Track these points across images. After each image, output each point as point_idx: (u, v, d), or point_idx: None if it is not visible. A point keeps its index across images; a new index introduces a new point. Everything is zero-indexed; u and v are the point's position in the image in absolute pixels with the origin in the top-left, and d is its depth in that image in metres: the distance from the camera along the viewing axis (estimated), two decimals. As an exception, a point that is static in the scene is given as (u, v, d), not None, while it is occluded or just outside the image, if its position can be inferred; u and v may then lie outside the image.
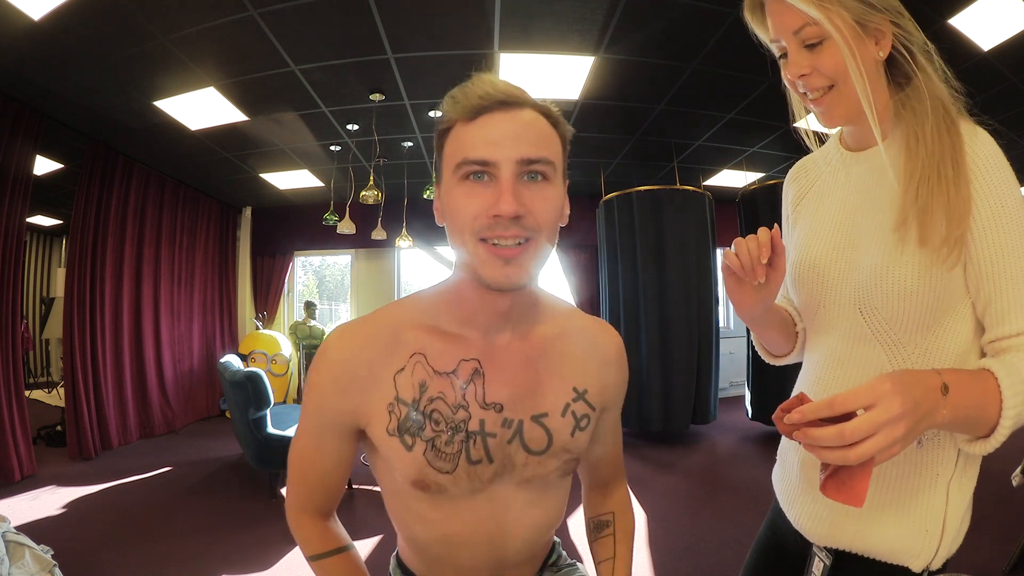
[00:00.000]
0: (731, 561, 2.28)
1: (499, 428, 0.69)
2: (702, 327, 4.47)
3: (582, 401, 0.75)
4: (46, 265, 7.87)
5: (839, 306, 0.73)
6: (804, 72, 0.68)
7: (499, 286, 0.62)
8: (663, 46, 3.13)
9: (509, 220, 0.59)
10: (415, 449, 0.67)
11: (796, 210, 0.87)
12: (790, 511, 0.82)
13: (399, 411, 0.68)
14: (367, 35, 2.92)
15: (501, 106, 0.61)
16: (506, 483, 0.72)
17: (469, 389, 0.69)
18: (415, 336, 0.69)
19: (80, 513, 2.92)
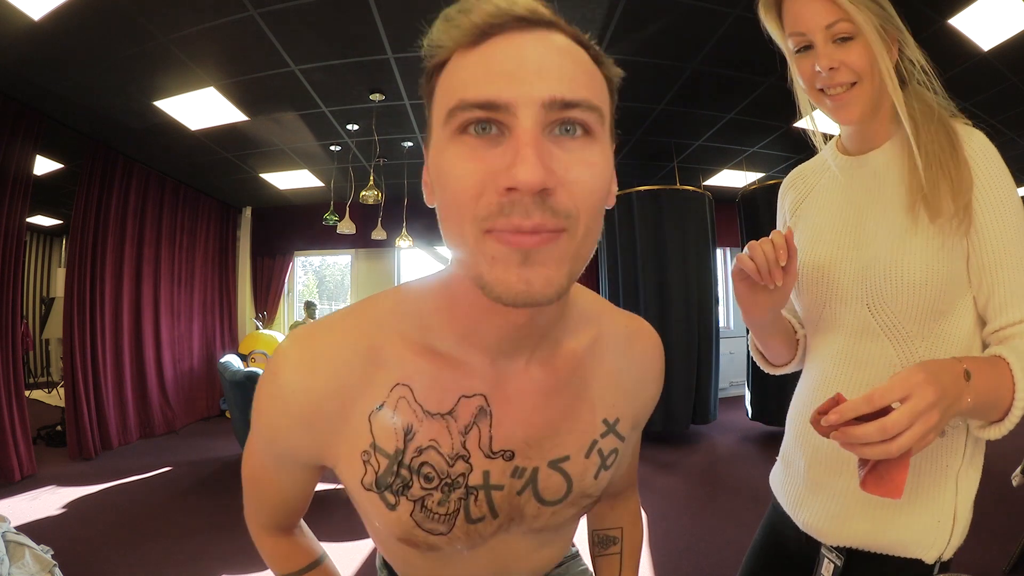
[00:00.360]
0: (731, 561, 2.28)
1: (507, 479, 0.54)
2: (702, 327, 4.47)
3: (612, 435, 0.59)
4: (46, 265, 7.87)
5: (845, 304, 0.75)
6: (834, 65, 0.69)
7: (513, 299, 0.40)
8: (663, 46, 3.13)
9: (531, 198, 0.37)
10: (400, 509, 0.52)
11: (794, 216, 0.88)
12: (797, 514, 0.81)
13: (377, 463, 0.51)
14: (367, 35, 2.92)
15: (520, 24, 0.40)
16: (511, 534, 0.59)
17: (471, 434, 0.52)
18: (398, 358, 0.51)
19: (80, 513, 2.92)
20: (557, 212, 0.38)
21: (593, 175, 0.41)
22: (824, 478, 0.76)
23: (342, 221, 4.46)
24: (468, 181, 0.39)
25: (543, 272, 0.39)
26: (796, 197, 0.89)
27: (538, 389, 0.54)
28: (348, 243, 6.47)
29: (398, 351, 0.51)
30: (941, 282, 0.67)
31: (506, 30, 0.40)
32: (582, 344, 0.57)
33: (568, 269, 0.41)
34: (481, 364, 0.52)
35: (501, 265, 0.39)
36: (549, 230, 0.38)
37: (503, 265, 0.39)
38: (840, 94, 0.71)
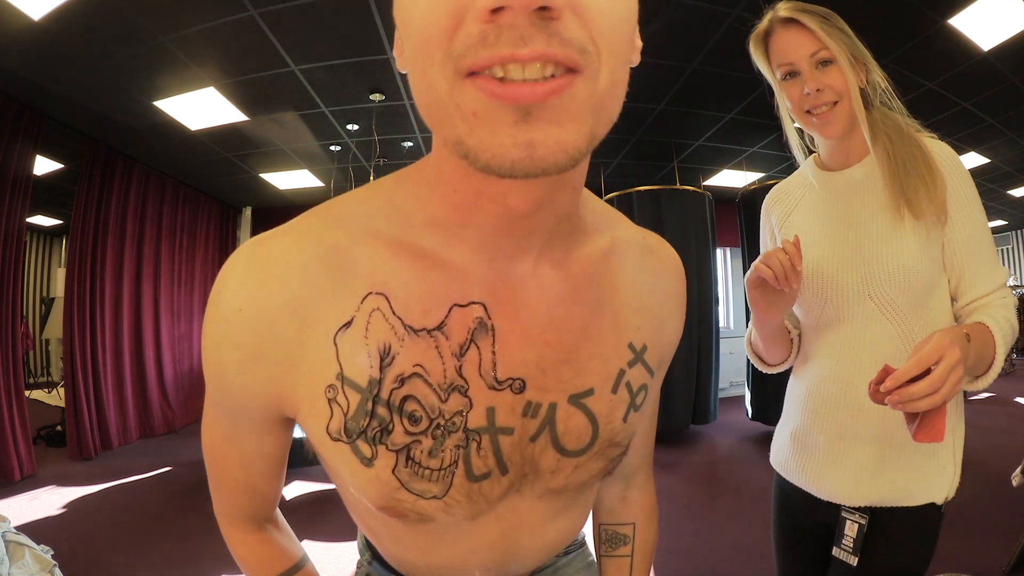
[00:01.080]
0: (731, 561, 2.28)
1: (518, 419, 0.42)
2: (702, 327, 4.47)
3: (640, 364, 0.47)
4: (46, 265, 7.87)
5: (847, 298, 0.86)
6: (820, 87, 0.82)
7: (510, 168, 0.28)
8: (663, 46, 3.13)
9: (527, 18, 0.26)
10: (378, 464, 0.40)
11: (784, 227, 0.99)
12: (820, 485, 0.90)
13: (345, 400, 0.39)
14: (367, 35, 2.92)
15: None
16: (524, 496, 0.47)
17: (469, 356, 0.40)
18: (369, 260, 0.39)
19: (80, 513, 2.92)
20: (567, 41, 0.26)
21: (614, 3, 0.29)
22: (847, 449, 0.86)
23: (342, 221, 4.46)
24: (437, 11, 0.27)
25: (552, 132, 0.28)
26: (783, 211, 1.00)
27: (552, 296, 0.42)
28: (348, 243, 6.47)
29: (369, 251, 0.39)
30: (929, 268, 0.82)
31: None
32: (600, 245, 0.46)
33: (590, 127, 0.29)
34: (476, 265, 0.40)
35: (488, 124, 0.28)
36: (560, 62, 0.26)
37: (490, 125, 0.28)
38: (825, 112, 0.84)
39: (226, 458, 0.49)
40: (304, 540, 2.56)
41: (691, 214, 4.49)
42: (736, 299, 6.91)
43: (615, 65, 0.30)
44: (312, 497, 3.17)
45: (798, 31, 0.84)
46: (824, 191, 0.93)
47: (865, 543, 0.84)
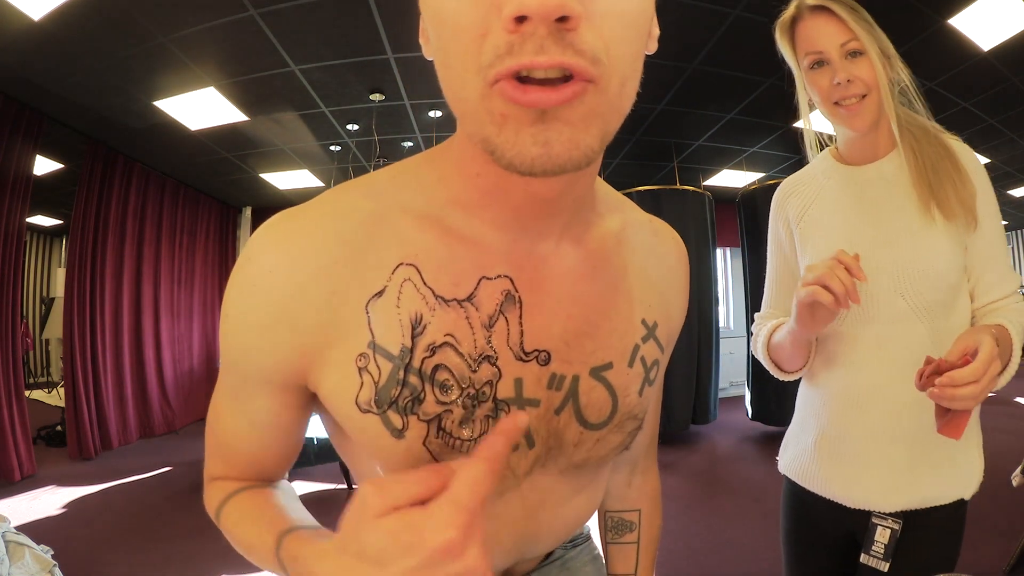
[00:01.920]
0: (731, 561, 2.28)
1: (544, 391, 0.43)
2: (702, 327, 4.47)
3: (652, 340, 0.49)
4: (46, 265, 7.87)
5: (876, 297, 0.83)
6: (850, 78, 0.79)
7: (530, 166, 0.31)
8: (663, 46, 3.11)
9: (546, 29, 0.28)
10: (409, 435, 0.40)
11: (802, 222, 0.94)
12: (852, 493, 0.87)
13: (377, 368, 0.39)
14: (367, 35, 2.92)
15: None
16: (548, 472, 0.47)
17: (498, 327, 0.41)
18: (400, 232, 0.40)
19: (80, 513, 2.92)
20: (582, 52, 0.29)
21: (631, 3, 0.31)
22: (881, 452, 0.84)
23: (342, 221, 4.47)
24: (467, 17, 0.29)
25: (566, 131, 0.30)
26: (800, 204, 0.94)
27: (573, 273, 0.44)
28: (348, 243, 6.48)
29: (399, 224, 0.40)
30: (958, 269, 0.82)
31: None
32: (613, 226, 0.48)
33: (600, 129, 0.32)
34: (500, 242, 0.42)
35: (512, 124, 0.30)
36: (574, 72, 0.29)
37: (514, 124, 0.30)
38: (853, 104, 0.80)
39: (232, 427, 0.47)
40: (304, 540, 2.56)
41: (691, 214, 4.49)
42: (736, 299, 6.91)
43: (627, 70, 0.32)
44: (312, 497, 3.17)
45: (828, 19, 0.81)
46: (847, 185, 0.89)
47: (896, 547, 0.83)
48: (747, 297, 4.80)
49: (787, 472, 0.98)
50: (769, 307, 1.05)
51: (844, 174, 0.90)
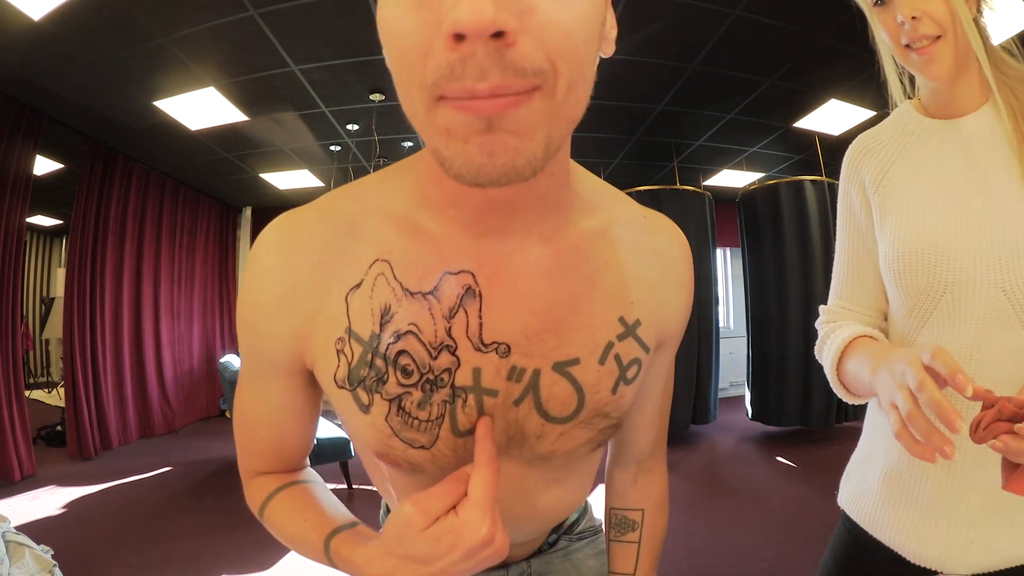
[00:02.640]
0: (731, 561, 2.28)
1: (503, 382, 0.46)
2: (702, 327, 4.47)
3: (632, 339, 0.49)
4: (46, 265, 7.87)
5: (972, 289, 0.64)
6: (916, 15, 0.63)
7: (475, 177, 0.32)
8: (663, 46, 3.13)
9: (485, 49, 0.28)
10: (374, 411, 0.45)
11: (881, 187, 0.74)
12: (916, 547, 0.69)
13: (351, 351, 0.44)
14: (367, 35, 2.92)
15: None
16: (513, 460, 0.50)
17: (458, 319, 0.44)
18: (379, 232, 0.45)
19: (80, 513, 2.92)
20: (523, 70, 0.29)
21: (573, 8, 0.30)
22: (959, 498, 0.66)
23: (342, 221, 4.47)
24: (412, 38, 0.30)
25: (510, 142, 0.31)
26: (879, 166, 0.75)
27: (539, 270, 0.45)
28: (348, 243, 6.48)
29: (379, 225, 0.45)
30: None
31: None
32: (592, 227, 0.48)
33: (545, 135, 0.32)
34: (466, 240, 0.44)
35: (459, 135, 0.31)
36: (514, 93, 0.29)
37: (461, 135, 0.31)
38: (926, 46, 0.64)
39: (254, 413, 0.53)
40: (304, 540, 2.56)
41: (691, 214, 4.49)
42: (736, 299, 6.91)
43: (574, 74, 0.32)
44: (312, 497, 3.17)
45: None
46: (934, 143, 0.71)
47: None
48: (747, 297, 4.81)
49: (847, 508, 0.80)
50: (839, 298, 0.81)
51: (931, 130, 0.71)
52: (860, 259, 0.78)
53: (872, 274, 0.75)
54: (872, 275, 0.75)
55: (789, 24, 2.85)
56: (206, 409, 5.82)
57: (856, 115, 4.08)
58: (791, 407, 4.27)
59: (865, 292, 0.76)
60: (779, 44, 3.07)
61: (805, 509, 2.85)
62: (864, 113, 4.03)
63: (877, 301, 0.77)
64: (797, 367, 4.25)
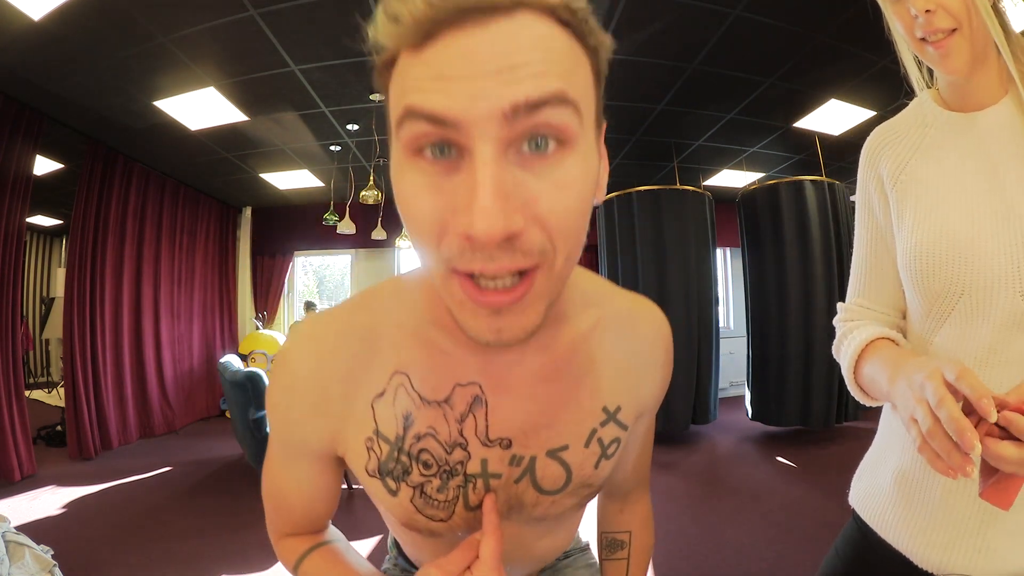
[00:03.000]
0: (731, 561, 2.28)
1: (505, 467, 0.54)
2: (702, 327, 4.47)
3: (612, 423, 0.57)
4: (46, 265, 7.87)
5: (991, 290, 0.61)
6: (930, 8, 0.60)
7: (486, 342, 0.39)
8: (663, 46, 3.13)
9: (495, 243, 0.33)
10: (400, 495, 0.53)
11: (899, 181, 0.71)
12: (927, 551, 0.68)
13: (379, 449, 0.52)
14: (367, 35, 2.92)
15: (471, 16, 0.32)
16: (513, 523, 0.58)
17: (468, 423, 0.52)
18: (396, 346, 0.51)
19: (80, 513, 2.92)
20: (528, 252, 0.35)
21: (570, 197, 0.35)
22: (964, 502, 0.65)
23: (342, 221, 4.47)
24: (428, 221, 0.35)
25: (516, 322, 0.38)
26: (897, 158, 0.72)
27: (535, 376, 0.53)
28: (348, 243, 6.47)
29: (395, 339, 0.52)
30: None
31: (456, 23, 0.32)
32: (583, 327, 0.55)
33: (545, 303, 0.39)
34: (473, 355, 0.51)
35: (469, 310, 0.37)
36: (521, 271, 0.36)
37: (471, 311, 0.37)
38: (941, 40, 0.62)
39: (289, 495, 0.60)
40: (304, 540, 2.56)
41: (691, 214, 4.49)
42: (736, 299, 6.91)
43: (571, 248, 0.38)
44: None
45: None
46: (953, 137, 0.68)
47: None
48: (747, 297, 4.80)
49: (857, 507, 0.79)
50: (857, 295, 0.79)
51: (949, 123, 0.69)
52: (879, 257, 0.77)
53: (891, 272, 0.74)
54: (891, 273, 0.74)
55: (789, 24, 2.85)
56: (206, 409, 5.82)
57: (856, 115, 4.08)
58: (791, 407, 4.27)
59: (884, 290, 0.75)
60: (779, 44, 3.07)
61: (805, 509, 2.85)
62: (864, 113, 4.04)
63: (896, 300, 0.76)
64: (797, 367, 4.25)
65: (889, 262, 0.74)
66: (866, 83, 3.56)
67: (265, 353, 5.65)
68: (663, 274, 4.43)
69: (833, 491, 3.01)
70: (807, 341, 4.21)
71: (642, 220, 4.50)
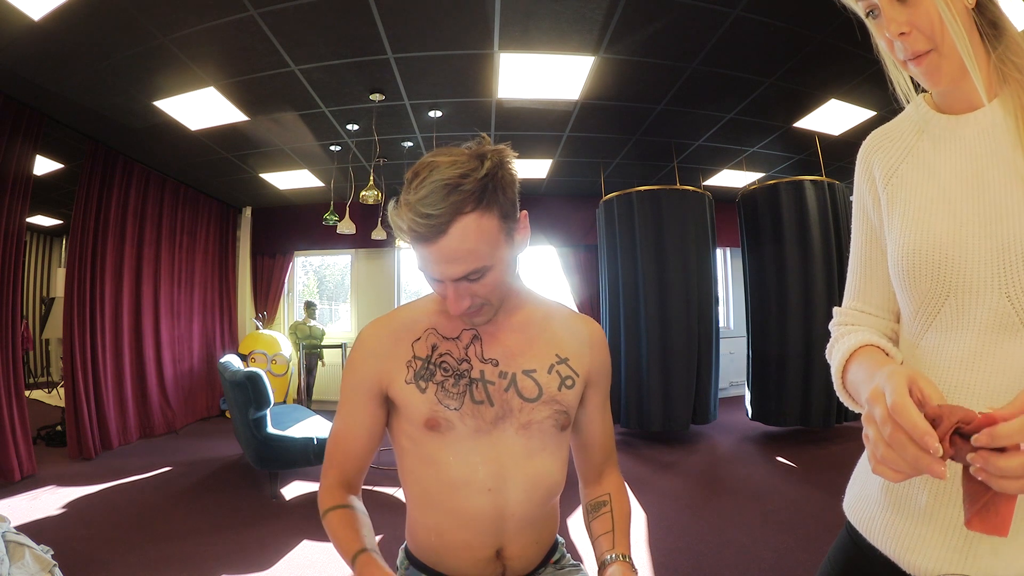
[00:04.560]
0: (731, 561, 2.28)
1: (496, 378, 0.85)
2: (702, 327, 4.47)
3: (565, 364, 0.89)
4: (46, 265, 7.87)
5: (976, 293, 0.62)
6: (904, 30, 0.61)
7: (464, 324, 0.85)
8: (663, 46, 3.13)
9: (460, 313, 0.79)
10: (428, 391, 0.83)
11: (890, 184, 0.72)
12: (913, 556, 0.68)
13: (415, 364, 0.85)
14: (367, 35, 2.92)
15: (428, 240, 0.72)
16: (507, 428, 0.84)
17: (471, 348, 0.86)
18: (428, 318, 0.88)
19: (80, 513, 2.92)
20: (476, 306, 0.80)
21: (492, 287, 0.78)
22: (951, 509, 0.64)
23: (342, 221, 4.46)
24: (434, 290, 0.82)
25: (478, 319, 0.84)
26: (890, 161, 0.73)
27: (510, 328, 0.89)
28: (348, 243, 6.47)
29: (429, 316, 0.89)
30: None
31: (422, 243, 0.73)
32: (539, 312, 0.92)
33: (493, 311, 0.84)
34: None
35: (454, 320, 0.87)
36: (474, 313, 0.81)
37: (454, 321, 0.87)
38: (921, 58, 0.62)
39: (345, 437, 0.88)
40: (304, 540, 2.55)
41: (691, 214, 4.49)
42: (736, 299, 6.91)
43: (501, 296, 0.83)
44: (312, 497, 3.17)
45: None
46: (943, 140, 0.69)
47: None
48: (747, 297, 4.80)
49: (848, 514, 0.79)
50: (852, 299, 0.79)
51: (940, 126, 0.69)
52: (874, 260, 0.77)
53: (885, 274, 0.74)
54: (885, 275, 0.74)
55: (789, 24, 2.85)
56: (206, 409, 5.82)
57: (856, 115, 4.08)
58: (791, 407, 4.27)
59: (879, 293, 0.75)
60: (779, 44, 3.07)
61: (805, 509, 2.85)
62: (864, 113, 4.04)
63: (891, 303, 0.76)
64: (797, 367, 4.25)
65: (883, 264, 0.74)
66: (866, 83, 3.56)
67: (265, 353, 5.65)
68: (663, 274, 4.43)
69: (833, 491, 3.01)
70: (807, 341, 4.21)
71: (642, 220, 4.50)
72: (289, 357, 5.85)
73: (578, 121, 4.19)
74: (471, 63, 3.27)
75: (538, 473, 0.86)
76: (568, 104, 3.87)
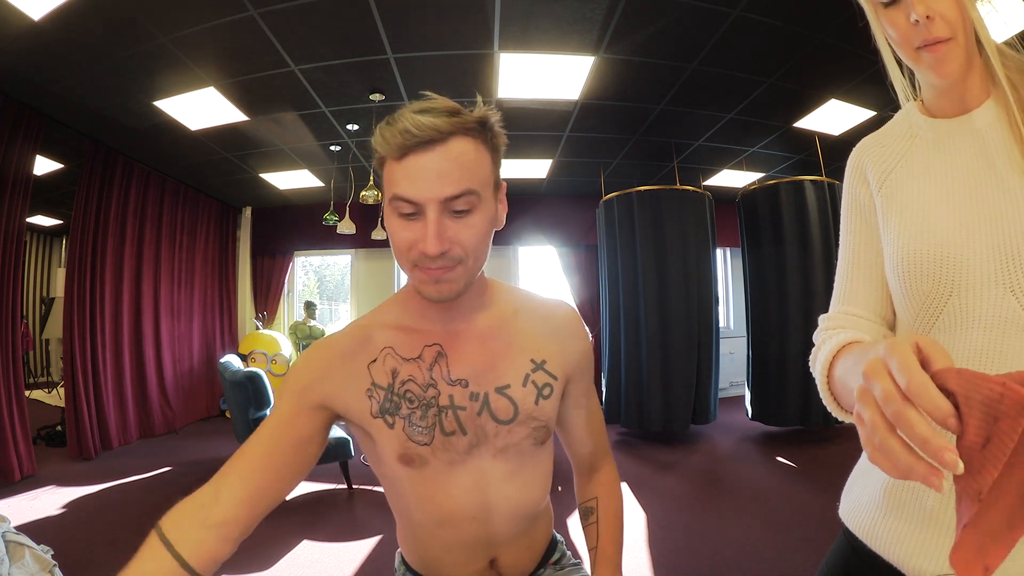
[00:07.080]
0: (731, 561, 2.28)
1: (467, 401, 0.76)
2: (702, 327, 4.47)
3: (541, 371, 0.80)
4: (46, 265, 7.87)
5: (981, 291, 0.61)
6: (929, 13, 0.61)
7: (432, 300, 0.69)
8: (663, 46, 3.13)
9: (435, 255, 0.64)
10: (395, 426, 0.74)
11: (884, 188, 0.73)
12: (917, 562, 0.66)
13: (377, 395, 0.75)
14: (367, 35, 2.92)
15: (425, 145, 0.63)
16: (483, 455, 0.77)
17: (435, 370, 0.75)
18: (384, 334, 0.77)
19: (80, 513, 2.92)
20: (452, 258, 0.66)
21: (475, 233, 0.67)
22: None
23: (342, 221, 4.47)
24: (403, 244, 0.66)
25: (447, 287, 0.68)
26: (883, 164, 0.74)
27: (478, 338, 0.78)
28: (348, 243, 6.47)
29: (383, 331, 0.77)
30: None
31: (416, 149, 0.63)
32: (506, 311, 0.81)
33: (464, 281, 0.69)
34: (436, 327, 0.77)
35: (423, 285, 0.68)
36: (447, 268, 0.66)
37: (424, 285, 0.68)
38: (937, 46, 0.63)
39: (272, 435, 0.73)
40: (304, 540, 2.55)
41: (691, 214, 4.49)
42: (736, 299, 6.91)
43: (477, 254, 0.69)
44: (312, 497, 3.17)
45: None
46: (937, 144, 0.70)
47: None
48: (747, 297, 4.80)
49: (847, 521, 0.77)
50: (841, 303, 0.78)
51: (933, 130, 0.71)
52: (868, 262, 0.76)
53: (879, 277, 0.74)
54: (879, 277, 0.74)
55: (789, 24, 2.85)
56: (206, 409, 5.82)
57: (856, 115, 4.08)
58: (791, 407, 4.27)
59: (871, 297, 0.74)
60: (779, 44, 3.07)
61: (805, 509, 2.85)
62: (864, 113, 4.04)
63: (883, 308, 0.75)
64: (797, 367, 4.25)
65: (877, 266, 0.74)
66: (866, 83, 3.56)
67: (265, 353, 5.65)
68: (663, 274, 4.43)
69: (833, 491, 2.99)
70: (807, 341, 4.19)
71: (642, 220, 4.50)
72: (289, 357, 5.85)
73: (578, 121, 4.19)
74: (471, 63, 3.27)
75: (520, 494, 0.80)
76: (568, 104, 3.87)
